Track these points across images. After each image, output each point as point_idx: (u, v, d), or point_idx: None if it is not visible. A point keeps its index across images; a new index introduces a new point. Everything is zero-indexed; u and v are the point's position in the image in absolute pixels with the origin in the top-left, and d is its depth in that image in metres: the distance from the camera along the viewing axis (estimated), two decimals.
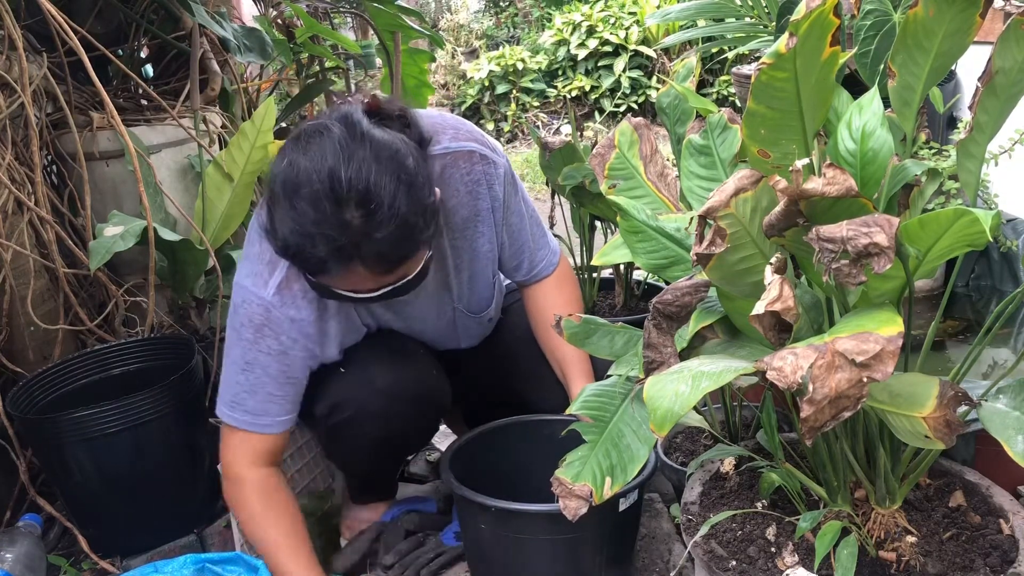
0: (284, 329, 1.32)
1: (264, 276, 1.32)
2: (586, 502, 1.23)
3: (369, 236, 1.11)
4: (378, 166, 1.11)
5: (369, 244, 1.12)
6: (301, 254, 1.14)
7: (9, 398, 1.62)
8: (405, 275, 1.23)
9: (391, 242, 1.13)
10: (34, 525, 1.65)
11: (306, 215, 1.10)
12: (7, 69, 1.75)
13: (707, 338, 1.21)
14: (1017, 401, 1.03)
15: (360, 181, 1.09)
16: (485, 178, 1.42)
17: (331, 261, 1.13)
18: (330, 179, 1.09)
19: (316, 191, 1.09)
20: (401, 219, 1.12)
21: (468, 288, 1.52)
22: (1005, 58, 1.03)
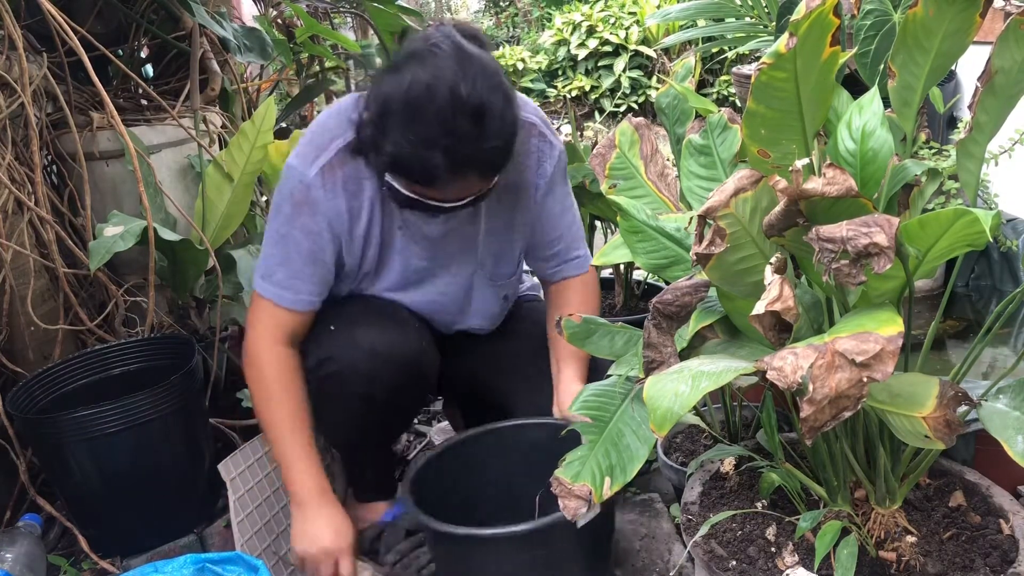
0: (319, 209, 1.39)
1: (311, 157, 1.39)
2: (585, 502, 1.23)
3: (483, 146, 1.20)
4: (487, 82, 1.20)
5: (483, 153, 1.22)
6: (417, 164, 1.21)
7: (9, 398, 1.62)
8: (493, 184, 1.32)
9: (501, 151, 1.24)
10: (34, 525, 1.65)
11: (429, 127, 1.18)
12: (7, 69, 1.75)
13: (707, 338, 1.21)
14: (1017, 401, 1.03)
15: (475, 96, 1.18)
16: (538, 153, 1.47)
17: (445, 171, 1.21)
18: (451, 94, 1.17)
19: (439, 105, 1.17)
20: (509, 128, 1.24)
21: (493, 256, 1.54)
22: (1004, 58, 1.03)
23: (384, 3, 2.55)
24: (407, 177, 1.28)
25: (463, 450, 1.50)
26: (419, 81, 1.19)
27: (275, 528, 1.58)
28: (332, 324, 1.48)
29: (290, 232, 1.41)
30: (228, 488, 1.51)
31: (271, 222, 1.44)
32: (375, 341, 1.45)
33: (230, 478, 1.51)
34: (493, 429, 1.52)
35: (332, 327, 1.47)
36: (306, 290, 1.44)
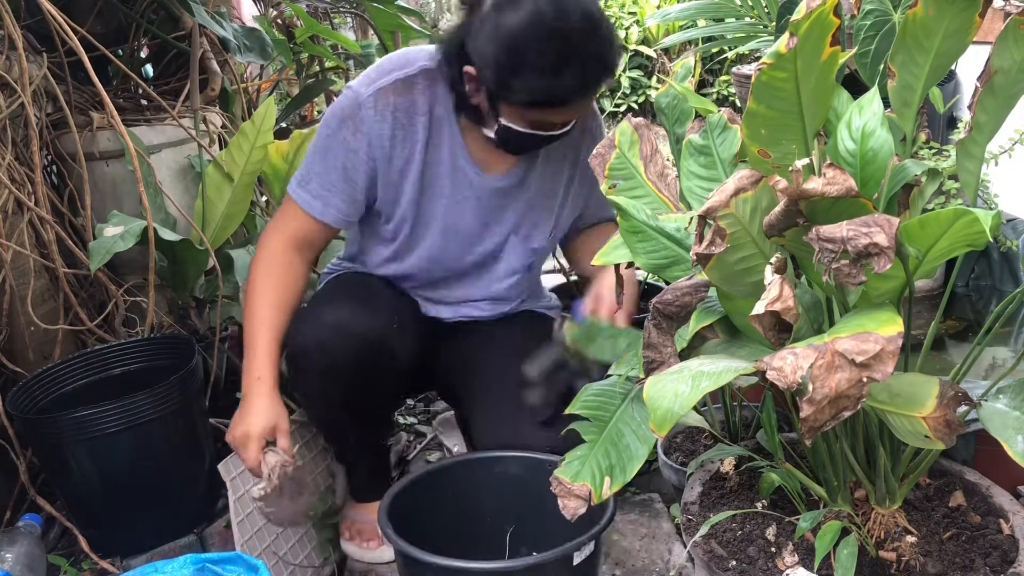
0: (363, 128, 1.44)
1: (369, 79, 1.45)
2: (585, 502, 1.23)
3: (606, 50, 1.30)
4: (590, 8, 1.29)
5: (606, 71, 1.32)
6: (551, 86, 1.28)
7: (9, 398, 1.62)
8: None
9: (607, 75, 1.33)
10: (34, 525, 1.65)
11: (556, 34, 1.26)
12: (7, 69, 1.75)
13: (707, 338, 1.21)
14: (1017, 401, 1.03)
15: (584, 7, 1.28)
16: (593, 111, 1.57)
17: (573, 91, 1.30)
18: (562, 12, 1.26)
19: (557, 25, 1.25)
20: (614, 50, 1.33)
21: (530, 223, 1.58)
22: (1004, 58, 1.03)
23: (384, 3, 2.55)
24: (544, 102, 1.32)
25: (438, 479, 1.45)
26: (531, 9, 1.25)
27: (275, 528, 1.58)
28: (309, 304, 1.54)
29: (331, 145, 1.47)
30: (228, 488, 1.51)
31: (318, 133, 1.50)
32: (340, 318, 1.47)
33: (230, 478, 1.51)
34: (470, 460, 1.49)
35: (306, 305, 1.54)
36: (335, 204, 1.49)
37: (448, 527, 1.41)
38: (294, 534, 1.62)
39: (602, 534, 1.25)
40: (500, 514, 1.44)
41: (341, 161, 1.46)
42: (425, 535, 1.25)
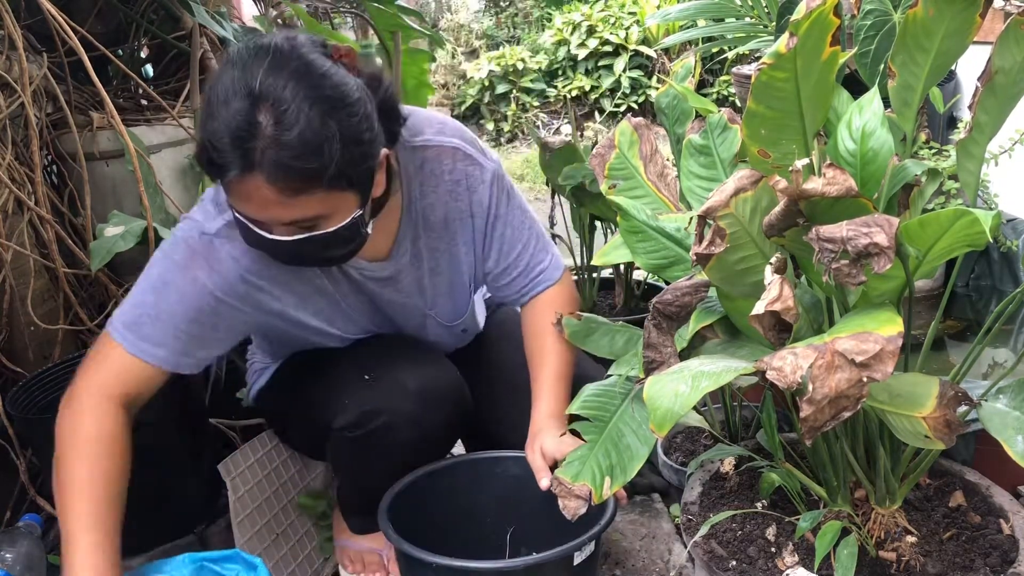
0: (222, 267, 1.22)
1: (214, 213, 1.24)
2: (585, 502, 1.23)
3: (274, 139, 1.04)
4: (300, 80, 1.06)
5: (272, 149, 1.04)
6: (210, 149, 1.07)
7: (9, 398, 1.62)
8: (320, 216, 1.12)
9: (294, 153, 1.04)
10: (34, 525, 1.65)
11: (220, 108, 1.06)
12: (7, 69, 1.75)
13: (707, 338, 1.21)
14: (1017, 401, 1.03)
15: (277, 87, 1.05)
16: (467, 179, 1.35)
17: (233, 160, 1.05)
18: (247, 79, 1.05)
19: (233, 87, 1.06)
20: (310, 131, 1.05)
21: (444, 295, 1.45)
22: (1004, 58, 1.03)
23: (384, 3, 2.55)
24: (207, 169, 1.11)
25: (439, 479, 1.43)
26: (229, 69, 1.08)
27: (275, 528, 1.58)
28: (364, 372, 1.36)
29: (176, 281, 1.22)
30: (228, 488, 1.51)
31: (150, 268, 1.24)
32: (422, 385, 1.34)
33: (230, 478, 1.51)
34: (469, 460, 1.47)
35: (367, 376, 1.35)
36: (181, 350, 1.24)
37: (448, 527, 1.41)
38: (294, 534, 1.62)
39: (602, 534, 1.25)
40: (500, 514, 1.44)
41: (194, 302, 1.22)
42: (425, 535, 1.25)
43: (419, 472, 1.41)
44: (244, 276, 1.24)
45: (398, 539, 1.23)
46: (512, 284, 1.46)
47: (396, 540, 1.23)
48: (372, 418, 1.33)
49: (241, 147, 1.04)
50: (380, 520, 1.29)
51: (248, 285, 1.25)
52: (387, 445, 1.35)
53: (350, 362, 1.41)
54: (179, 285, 1.22)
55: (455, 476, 1.45)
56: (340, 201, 1.13)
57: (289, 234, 1.13)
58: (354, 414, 1.33)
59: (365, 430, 1.33)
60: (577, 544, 1.20)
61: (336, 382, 1.39)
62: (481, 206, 1.38)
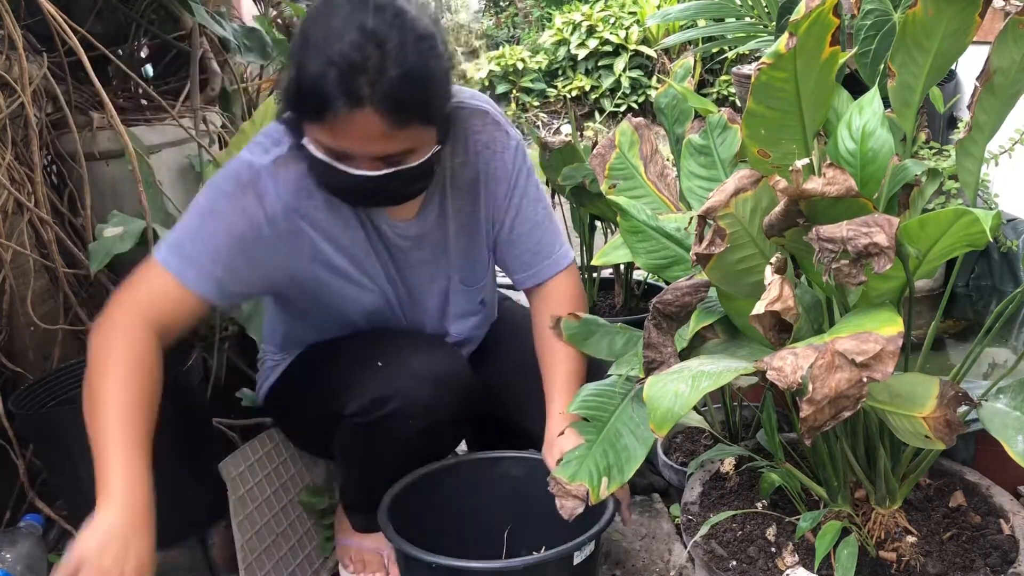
0: (268, 201, 1.24)
1: (264, 147, 1.28)
2: (582, 502, 1.23)
3: (385, 72, 1.10)
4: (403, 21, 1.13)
5: (384, 82, 1.10)
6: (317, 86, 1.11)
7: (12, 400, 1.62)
8: (410, 150, 1.18)
9: (406, 85, 1.11)
10: (35, 525, 1.65)
11: (329, 44, 1.11)
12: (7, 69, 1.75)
13: (707, 338, 1.21)
14: (1017, 401, 1.03)
15: (384, 24, 1.11)
16: (495, 143, 1.39)
17: (342, 93, 1.10)
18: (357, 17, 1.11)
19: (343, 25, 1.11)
20: (421, 65, 1.13)
21: (464, 258, 1.45)
22: (1003, 57, 1.03)
23: None
24: (305, 110, 1.15)
25: (439, 479, 1.43)
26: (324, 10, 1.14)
27: (275, 528, 1.58)
28: (375, 359, 1.36)
29: (224, 209, 1.24)
30: (228, 488, 1.51)
31: (200, 196, 1.27)
32: (434, 371, 1.35)
33: (230, 478, 1.51)
34: (469, 460, 1.47)
35: (379, 363, 1.36)
36: (215, 275, 1.24)
37: (448, 527, 1.41)
38: (294, 534, 1.62)
39: (602, 534, 1.25)
40: (500, 514, 1.44)
41: (239, 228, 1.24)
42: (425, 535, 1.25)
43: (419, 472, 1.41)
44: (288, 212, 1.27)
45: (398, 539, 1.23)
46: (520, 259, 1.47)
47: (396, 540, 1.23)
48: (383, 404, 1.32)
49: (354, 80, 1.09)
50: (380, 520, 1.28)
51: (291, 222, 1.28)
52: (397, 432, 1.35)
53: (360, 352, 1.41)
54: (225, 213, 1.24)
55: (455, 476, 1.45)
56: (427, 135, 1.20)
57: (375, 169, 1.18)
58: (365, 400, 1.33)
59: (376, 416, 1.33)
60: (577, 544, 1.20)
61: (347, 371, 1.39)
62: (505, 171, 1.41)
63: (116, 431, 1.16)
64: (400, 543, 1.22)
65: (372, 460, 1.42)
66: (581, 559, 1.21)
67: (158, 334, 1.23)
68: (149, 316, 1.22)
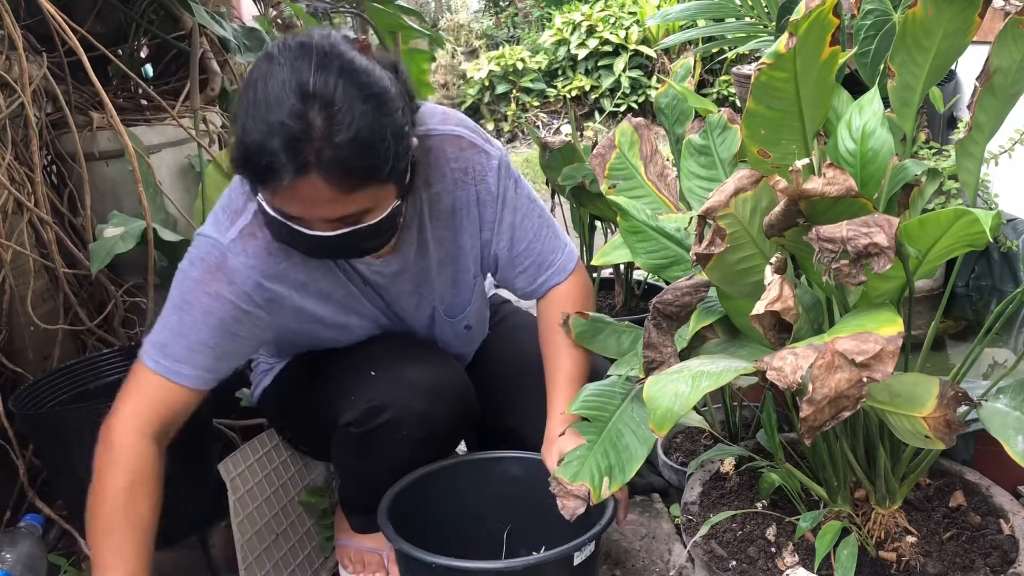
0: (239, 278, 1.24)
1: (226, 224, 1.26)
2: (584, 502, 1.23)
3: (329, 139, 1.05)
4: (349, 79, 1.07)
5: (328, 148, 1.05)
6: (259, 153, 1.07)
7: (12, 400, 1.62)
8: (366, 210, 1.15)
9: (352, 151, 1.06)
10: (35, 526, 1.65)
11: (270, 110, 1.06)
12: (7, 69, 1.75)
13: (707, 338, 1.21)
14: (1017, 401, 1.03)
15: (328, 86, 1.06)
16: (473, 167, 1.35)
17: (288, 163, 1.05)
18: (298, 79, 1.06)
19: (283, 89, 1.06)
20: (367, 128, 1.07)
21: (450, 287, 1.44)
22: (1003, 57, 1.03)
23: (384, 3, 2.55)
24: (252, 176, 1.12)
25: (439, 479, 1.43)
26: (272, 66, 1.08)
27: (275, 528, 1.58)
28: (370, 368, 1.36)
29: (198, 298, 1.24)
30: (228, 488, 1.51)
31: (173, 289, 1.26)
32: (430, 380, 1.34)
33: (230, 478, 1.51)
34: (469, 460, 1.47)
35: (373, 372, 1.35)
36: (206, 366, 1.26)
37: (448, 527, 1.41)
38: (294, 534, 1.62)
39: (602, 534, 1.25)
40: (500, 514, 1.44)
41: (217, 314, 1.24)
42: (425, 535, 1.25)
43: (419, 472, 1.41)
44: (261, 282, 1.26)
45: (397, 539, 1.22)
46: (525, 274, 1.45)
47: (396, 540, 1.23)
48: (378, 414, 1.32)
49: (297, 148, 1.05)
50: (380, 520, 1.28)
51: (266, 290, 1.27)
52: (392, 441, 1.34)
53: (356, 360, 1.40)
54: (201, 302, 1.24)
55: (455, 476, 1.45)
56: (385, 194, 1.16)
57: (332, 229, 1.15)
58: (360, 410, 1.33)
59: (371, 426, 1.33)
60: (577, 544, 1.20)
61: (342, 379, 1.39)
62: (489, 194, 1.37)
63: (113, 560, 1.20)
64: (400, 543, 1.22)
65: (367, 468, 1.42)
66: (581, 559, 1.21)
67: (160, 438, 1.27)
68: (147, 422, 1.25)
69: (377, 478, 1.40)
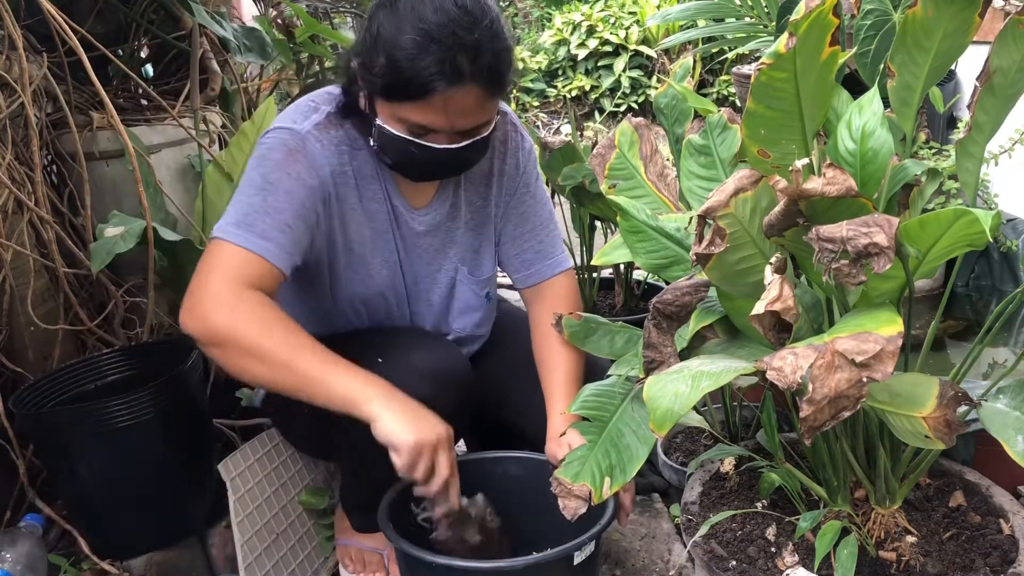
0: (317, 163, 1.28)
1: (300, 119, 1.31)
2: (585, 502, 1.23)
3: (482, 49, 1.16)
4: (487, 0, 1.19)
5: (491, 57, 1.17)
6: (412, 68, 1.15)
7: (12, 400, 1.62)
8: (487, 121, 1.26)
9: (505, 60, 1.19)
10: (35, 526, 1.65)
11: (431, 24, 1.15)
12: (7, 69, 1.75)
13: (707, 338, 1.21)
14: (1017, 401, 1.03)
15: (479, 4, 1.17)
16: (510, 141, 1.45)
17: (444, 72, 1.14)
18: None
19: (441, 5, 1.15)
20: (507, 39, 1.20)
21: (472, 250, 1.48)
22: (1003, 58, 1.03)
23: None
24: (401, 91, 1.18)
25: None
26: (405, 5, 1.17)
27: (275, 528, 1.58)
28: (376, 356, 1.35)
29: (281, 179, 1.24)
30: (228, 488, 1.51)
31: (250, 172, 1.27)
32: (434, 368, 1.35)
33: (230, 478, 1.51)
34: (470, 460, 1.46)
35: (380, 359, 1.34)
36: (289, 247, 1.24)
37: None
38: (294, 534, 1.62)
39: (602, 534, 1.25)
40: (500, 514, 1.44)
41: (299, 195, 1.25)
42: (425, 535, 1.25)
43: None
44: (334, 175, 1.31)
45: (398, 538, 1.22)
46: (522, 257, 1.50)
47: (396, 539, 1.23)
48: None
49: (455, 58, 1.14)
50: (380, 520, 1.28)
51: (334, 186, 1.31)
52: None
53: (361, 349, 1.39)
54: (284, 182, 1.25)
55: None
56: (496, 107, 1.28)
57: (456, 142, 1.24)
58: None
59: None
60: (577, 544, 1.20)
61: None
62: (516, 169, 1.46)
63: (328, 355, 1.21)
64: (400, 543, 1.22)
65: (371, 459, 1.41)
66: (581, 559, 1.21)
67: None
68: (249, 284, 1.21)
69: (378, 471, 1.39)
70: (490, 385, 1.52)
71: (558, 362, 1.43)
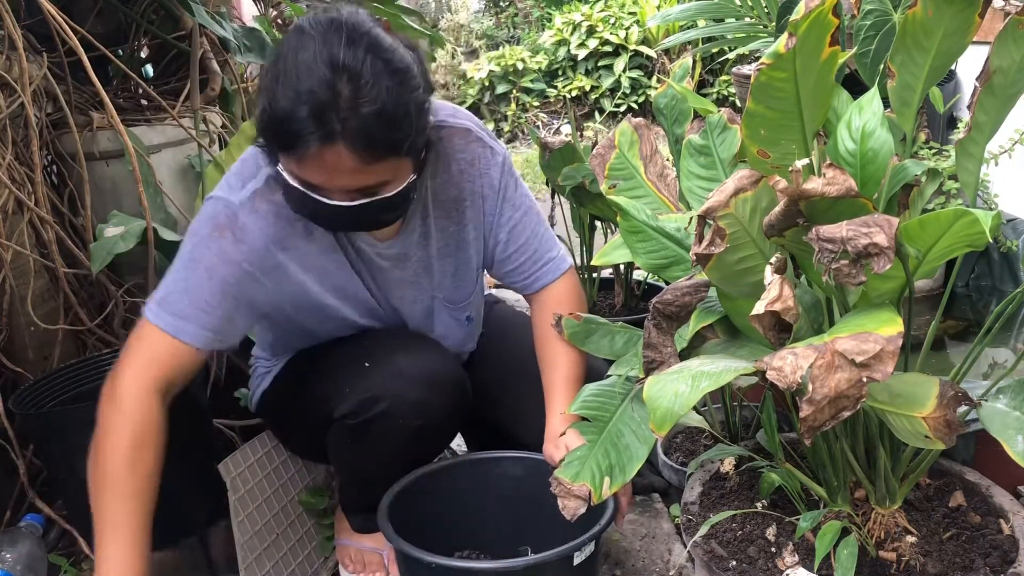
0: (248, 238, 1.25)
1: (237, 186, 1.28)
2: (584, 502, 1.23)
3: (356, 109, 1.09)
4: (376, 54, 1.12)
5: (355, 119, 1.09)
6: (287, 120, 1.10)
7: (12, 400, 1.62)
8: (384, 182, 1.18)
9: (377, 122, 1.10)
10: (35, 526, 1.65)
11: (300, 79, 1.10)
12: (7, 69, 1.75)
13: (707, 338, 1.21)
14: (1017, 401, 1.03)
15: (357, 60, 1.10)
16: (479, 160, 1.39)
17: (315, 130, 1.09)
18: (329, 51, 1.10)
19: (315, 60, 1.10)
20: (391, 102, 1.11)
21: (450, 277, 1.45)
22: (1003, 58, 1.03)
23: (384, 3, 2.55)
24: (277, 145, 1.15)
25: (439, 479, 1.43)
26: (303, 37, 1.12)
27: (275, 528, 1.58)
28: (364, 360, 1.36)
29: (204, 255, 1.25)
30: (228, 488, 1.51)
31: (182, 246, 1.28)
32: (424, 369, 1.35)
33: (230, 478, 1.51)
34: (470, 460, 1.47)
35: (367, 364, 1.36)
36: (210, 325, 1.26)
37: (448, 527, 1.41)
38: (294, 534, 1.62)
39: (602, 534, 1.25)
40: (500, 514, 1.44)
41: (221, 274, 1.24)
42: (425, 535, 1.25)
43: (419, 472, 1.41)
44: (269, 246, 1.27)
45: (397, 539, 1.23)
46: (521, 269, 1.47)
47: (395, 540, 1.23)
48: (372, 405, 1.32)
49: (325, 116, 1.09)
50: (380, 520, 1.28)
51: (272, 256, 1.28)
52: (388, 432, 1.34)
53: (350, 353, 1.41)
54: (207, 258, 1.25)
55: (455, 476, 1.45)
56: (402, 167, 1.19)
57: (350, 200, 1.18)
58: (354, 402, 1.33)
59: (365, 417, 1.33)
60: (577, 544, 1.20)
61: (336, 373, 1.39)
62: (492, 188, 1.41)
63: (118, 513, 1.21)
64: (400, 543, 1.22)
65: (366, 461, 1.42)
66: (581, 559, 1.21)
67: (164, 395, 1.26)
68: (154, 378, 1.25)
69: (374, 473, 1.41)
70: (483, 388, 1.51)
71: (558, 362, 1.43)
